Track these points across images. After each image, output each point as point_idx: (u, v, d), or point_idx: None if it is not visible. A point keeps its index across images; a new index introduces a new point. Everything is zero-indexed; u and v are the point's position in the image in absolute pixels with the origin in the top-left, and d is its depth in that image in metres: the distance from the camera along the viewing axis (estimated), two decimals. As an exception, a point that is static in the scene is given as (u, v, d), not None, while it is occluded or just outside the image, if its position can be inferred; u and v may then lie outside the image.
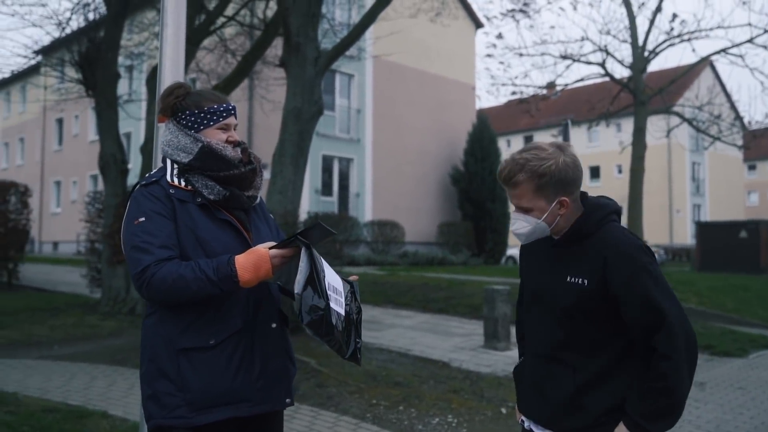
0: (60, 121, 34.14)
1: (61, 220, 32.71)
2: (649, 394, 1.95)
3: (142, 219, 2.08)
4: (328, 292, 2.00)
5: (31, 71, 19.17)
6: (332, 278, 2.08)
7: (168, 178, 2.17)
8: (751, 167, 55.58)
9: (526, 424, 2.22)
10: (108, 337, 8.31)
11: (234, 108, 2.24)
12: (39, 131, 35.89)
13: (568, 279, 2.06)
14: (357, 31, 9.38)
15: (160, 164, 2.90)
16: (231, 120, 2.21)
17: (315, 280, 1.96)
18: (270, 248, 2.05)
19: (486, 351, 8.26)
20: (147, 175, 2.26)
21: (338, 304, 2.05)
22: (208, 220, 2.12)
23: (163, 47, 2.94)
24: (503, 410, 5.64)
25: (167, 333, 2.09)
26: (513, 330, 5.82)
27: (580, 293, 2.03)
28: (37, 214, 31.66)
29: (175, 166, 2.19)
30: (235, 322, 2.09)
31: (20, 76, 23.48)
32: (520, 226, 2.11)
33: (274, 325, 2.19)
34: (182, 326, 2.08)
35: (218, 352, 2.07)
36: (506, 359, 7.76)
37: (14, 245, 13.71)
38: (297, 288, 1.93)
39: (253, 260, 2.01)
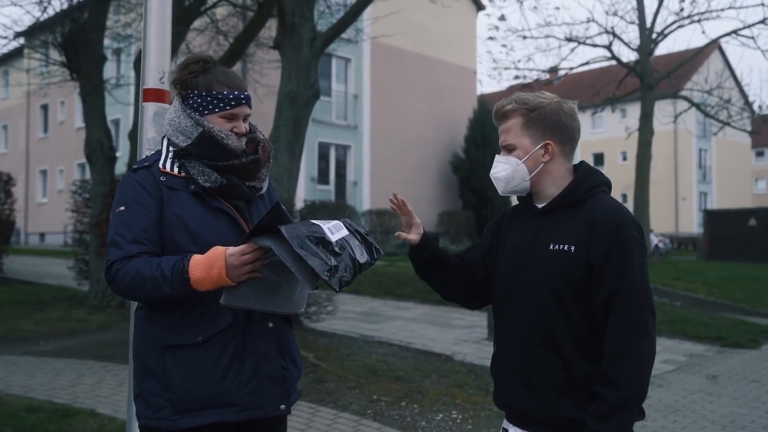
0: (45, 108, 33.12)
1: (47, 210, 31.89)
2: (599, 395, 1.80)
3: (122, 208, 2.00)
4: (328, 236, 1.83)
5: (14, 55, 18.62)
6: (321, 226, 1.89)
7: (161, 163, 2.05)
8: (759, 153, 54.21)
9: None
10: (96, 332, 8.13)
11: (246, 97, 2.09)
12: (23, 118, 34.71)
13: (551, 247, 1.90)
14: (354, 10, 9.06)
15: (145, 152, 2.79)
16: (240, 110, 2.08)
17: (302, 249, 1.75)
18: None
19: (490, 343, 7.99)
20: (143, 157, 2.19)
21: (337, 230, 1.91)
22: (201, 209, 2.01)
23: (148, 25, 2.73)
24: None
25: (154, 328, 2.00)
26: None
27: (563, 261, 1.84)
28: (23, 204, 30.98)
29: (171, 149, 2.07)
30: (224, 318, 1.96)
31: (2, 60, 22.87)
32: (500, 169, 2.00)
33: (270, 325, 2.06)
34: (169, 321, 1.98)
35: (206, 350, 1.96)
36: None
37: (-2, 237, 13.41)
38: (308, 284, 1.81)
39: (207, 258, 1.86)
